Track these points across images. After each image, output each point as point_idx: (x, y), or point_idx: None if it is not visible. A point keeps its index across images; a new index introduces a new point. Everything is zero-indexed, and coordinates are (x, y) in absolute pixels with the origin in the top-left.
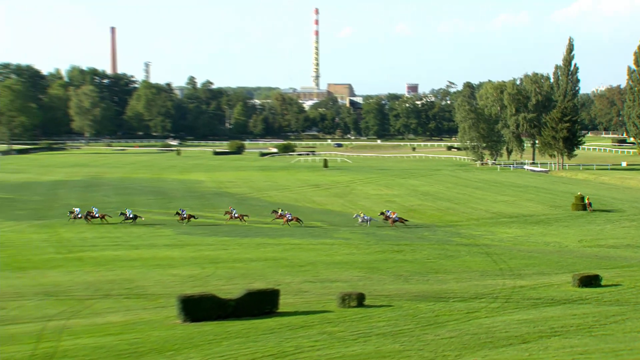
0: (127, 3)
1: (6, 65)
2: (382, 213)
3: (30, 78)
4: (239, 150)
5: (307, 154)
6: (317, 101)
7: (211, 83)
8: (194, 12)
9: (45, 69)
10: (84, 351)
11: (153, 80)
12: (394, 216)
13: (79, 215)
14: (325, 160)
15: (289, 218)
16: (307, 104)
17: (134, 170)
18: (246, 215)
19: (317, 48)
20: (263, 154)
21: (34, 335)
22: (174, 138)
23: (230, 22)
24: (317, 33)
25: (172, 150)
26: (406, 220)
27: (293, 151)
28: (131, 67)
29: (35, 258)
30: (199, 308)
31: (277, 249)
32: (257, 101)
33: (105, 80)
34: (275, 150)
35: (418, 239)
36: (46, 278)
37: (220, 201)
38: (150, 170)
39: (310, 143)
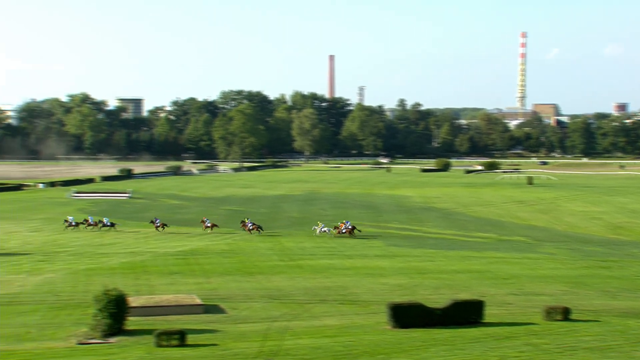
0: (346, 33)
1: (240, 92)
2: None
3: (260, 103)
4: (445, 167)
5: (512, 172)
6: (522, 121)
7: (420, 105)
8: (406, 39)
9: (272, 94)
10: (303, 350)
11: (366, 103)
12: (342, 227)
13: (73, 224)
14: (530, 178)
15: (250, 227)
16: (512, 124)
17: (347, 186)
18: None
19: (523, 70)
20: (468, 171)
21: (260, 333)
22: (385, 156)
23: (439, 48)
24: (523, 55)
25: (382, 167)
26: (355, 229)
27: (498, 169)
28: (347, 91)
29: (261, 264)
30: (408, 315)
31: (482, 261)
32: (463, 121)
33: (324, 104)
34: (480, 167)
35: (626, 255)
36: (271, 283)
37: (427, 216)
38: (362, 186)
39: (515, 161)
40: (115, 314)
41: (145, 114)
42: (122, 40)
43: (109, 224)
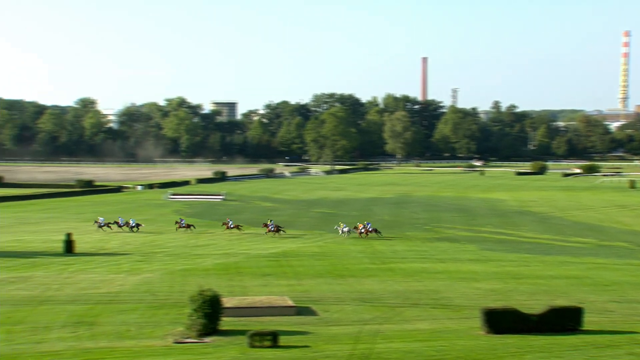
0: (439, 35)
1: (332, 95)
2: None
3: (351, 105)
4: (541, 170)
5: (613, 175)
6: (624, 122)
7: (515, 107)
8: (500, 39)
9: (363, 97)
10: (395, 354)
11: (460, 105)
12: (361, 227)
13: (102, 225)
14: (633, 181)
15: (272, 229)
16: (614, 125)
17: (440, 189)
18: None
19: (625, 70)
20: (566, 175)
21: (352, 336)
22: (478, 159)
23: (535, 48)
24: (626, 55)
25: (475, 170)
26: (377, 232)
27: (597, 172)
28: (440, 94)
29: (352, 267)
30: (502, 321)
31: (580, 267)
32: (560, 123)
33: (416, 106)
34: (578, 170)
35: None
36: (362, 285)
37: (523, 220)
38: (455, 189)
39: (616, 164)
40: (210, 314)
41: (239, 117)
42: (217, 46)
43: (134, 224)
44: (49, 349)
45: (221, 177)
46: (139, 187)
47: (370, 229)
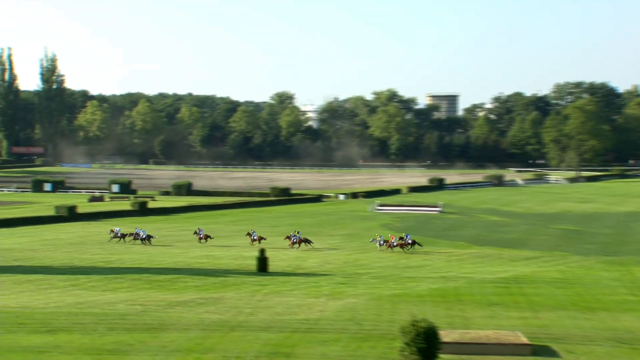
0: None
1: (579, 84)
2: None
3: (604, 97)
4: None
5: None
6: None
7: None
8: None
9: (621, 86)
10: None
11: None
12: (393, 239)
13: (119, 235)
14: None
15: (294, 241)
16: None
17: None
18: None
19: None
20: None
21: None
22: None
23: None
24: None
25: None
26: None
27: None
28: None
29: (604, 298)
30: None
31: None
32: None
33: None
34: None
35: None
36: (618, 322)
37: None
38: None
39: None
40: (425, 350)
41: (460, 113)
42: (435, 29)
43: (144, 236)
44: None
45: (438, 185)
46: (341, 197)
47: (409, 241)
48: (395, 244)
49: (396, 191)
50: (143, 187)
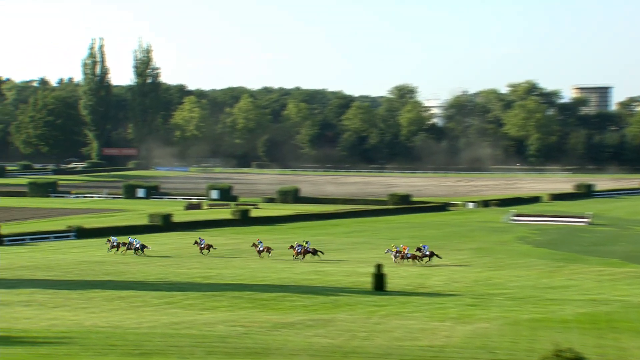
0: None
1: None
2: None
3: None
4: None
5: None
6: None
7: None
8: None
9: None
10: None
11: None
12: (405, 250)
13: (115, 244)
14: None
15: (299, 251)
16: None
17: None
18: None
19: None
20: None
21: None
22: None
23: None
24: None
25: None
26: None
27: None
28: None
29: None
30: None
31: None
32: None
33: None
34: None
35: None
36: None
37: None
38: None
39: None
40: None
41: (613, 107)
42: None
43: (138, 246)
44: None
45: (586, 193)
46: (470, 205)
47: (427, 252)
48: (408, 255)
49: (535, 199)
50: (244, 193)
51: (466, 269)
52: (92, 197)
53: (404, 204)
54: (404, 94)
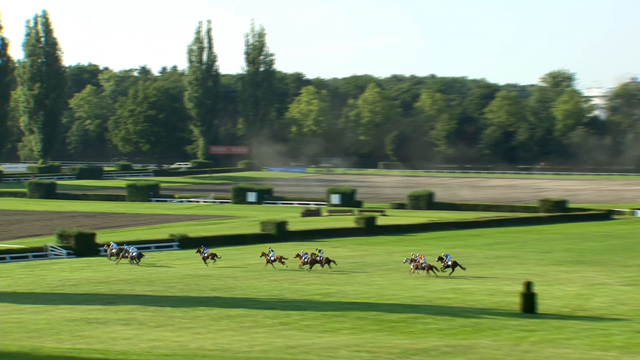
0: None
1: None
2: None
3: None
4: None
5: None
6: None
7: None
8: None
9: None
10: None
11: None
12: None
13: (113, 250)
14: None
15: (304, 259)
16: None
17: None
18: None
19: None
20: None
21: None
22: None
23: None
24: None
25: None
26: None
27: None
28: None
29: None
30: None
31: None
32: None
33: None
34: None
35: None
36: None
37: None
38: None
39: None
40: None
41: None
42: None
43: (135, 253)
44: None
45: None
46: (639, 213)
47: (449, 263)
48: (423, 265)
49: None
50: (368, 197)
51: (635, 289)
52: (197, 201)
53: (559, 211)
54: (559, 82)
